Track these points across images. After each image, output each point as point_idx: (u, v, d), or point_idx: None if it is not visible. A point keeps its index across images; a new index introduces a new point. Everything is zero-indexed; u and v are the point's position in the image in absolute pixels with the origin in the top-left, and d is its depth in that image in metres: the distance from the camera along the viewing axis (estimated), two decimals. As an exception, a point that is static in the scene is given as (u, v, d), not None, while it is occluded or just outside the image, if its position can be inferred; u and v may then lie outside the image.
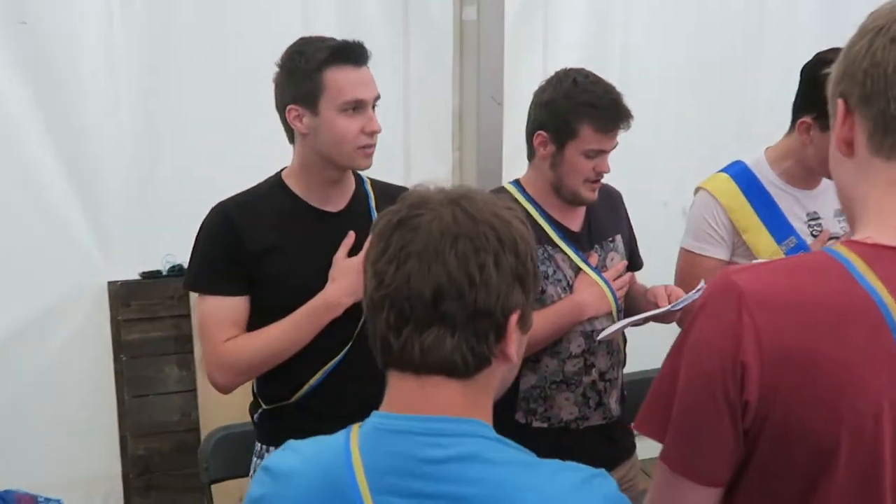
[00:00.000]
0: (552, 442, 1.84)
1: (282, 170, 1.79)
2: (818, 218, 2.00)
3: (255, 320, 1.70)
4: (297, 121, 1.67)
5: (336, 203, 1.76)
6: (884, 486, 0.86)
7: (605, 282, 1.83)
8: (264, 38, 2.72)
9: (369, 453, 0.91)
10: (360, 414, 1.72)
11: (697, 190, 2.08)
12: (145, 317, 2.96)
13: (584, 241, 1.88)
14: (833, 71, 0.98)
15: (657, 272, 2.08)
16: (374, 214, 1.77)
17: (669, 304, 1.74)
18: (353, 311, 1.69)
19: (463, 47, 3.00)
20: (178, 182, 2.82)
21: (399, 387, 0.94)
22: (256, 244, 1.67)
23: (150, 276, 2.98)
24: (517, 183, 1.92)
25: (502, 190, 1.91)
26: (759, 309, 0.88)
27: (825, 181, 2.01)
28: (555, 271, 1.81)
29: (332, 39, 1.66)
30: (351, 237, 1.72)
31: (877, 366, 0.85)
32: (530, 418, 1.87)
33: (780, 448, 0.88)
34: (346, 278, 1.68)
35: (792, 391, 0.86)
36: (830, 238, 2.01)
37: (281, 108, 1.70)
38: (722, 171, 2.08)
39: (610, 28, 3.15)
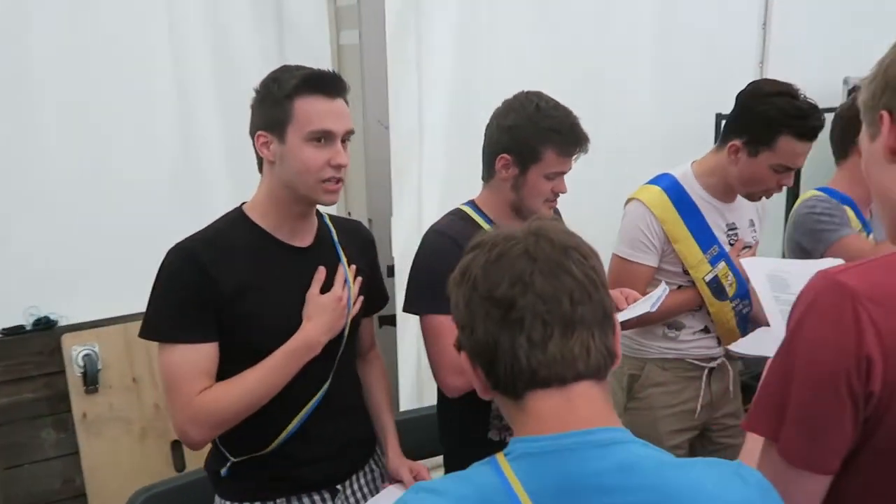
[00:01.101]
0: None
1: (242, 204, 1.70)
2: (735, 228, 2.23)
3: (226, 366, 1.60)
4: (265, 147, 1.61)
5: (304, 238, 1.71)
6: None
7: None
8: (132, 85, 2.63)
9: (530, 480, 0.91)
10: (339, 453, 1.69)
11: (629, 200, 2.22)
12: (12, 378, 2.66)
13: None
14: (867, 87, 1.10)
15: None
16: (339, 249, 1.74)
17: (628, 304, 1.86)
18: (329, 349, 1.66)
19: (342, 72, 2.96)
20: (37, 229, 2.58)
21: (542, 407, 0.96)
22: (229, 283, 1.58)
23: (13, 333, 2.68)
24: (473, 204, 1.95)
25: (459, 212, 1.94)
26: (873, 306, 0.97)
27: (740, 197, 2.24)
28: (521, 289, 1.86)
29: (308, 68, 1.61)
30: (322, 272, 1.67)
31: None
32: (504, 434, 1.90)
33: None
34: (323, 316, 1.64)
35: None
36: (744, 247, 2.24)
37: (252, 133, 1.63)
38: (652, 183, 2.24)
39: (477, 48, 3.24)
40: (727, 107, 2.25)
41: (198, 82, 2.81)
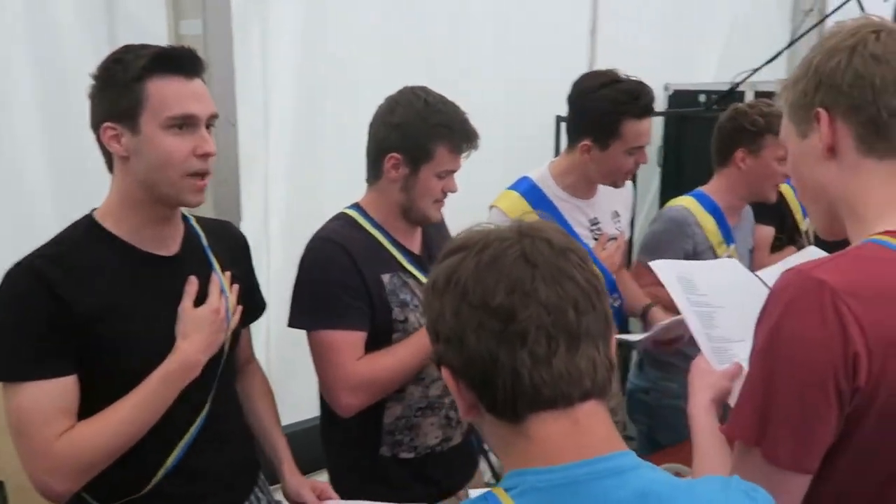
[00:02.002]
0: (419, 469, 1.84)
1: (92, 211, 1.49)
2: (598, 223, 2.27)
3: (89, 402, 1.39)
4: (114, 141, 1.40)
5: (169, 246, 1.51)
6: None
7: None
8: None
9: None
10: (223, 487, 1.54)
11: (490, 208, 2.21)
12: None
13: (426, 263, 1.87)
14: (795, 87, 1.14)
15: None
16: (210, 256, 1.57)
17: None
18: (208, 368, 1.49)
19: (180, 63, 2.75)
20: None
21: (548, 432, 0.86)
22: (85, 306, 1.36)
23: None
24: (358, 208, 1.84)
25: (344, 217, 1.82)
26: (853, 301, 0.98)
27: (600, 190, 2.29)
28: (412, 298, 1.78)
29: (157, 46, 1.42)
30: (194, 283, 1.50)
31: None
32: (397, 450, 1.82)
33: (886, 425, 1.00)
34: (199, 332, 1.46)
35: None
36: (610, 239, 2.29)
37: (95, 127, 1.42)
38: (511, 189, 2.24)
39: (325, 41, 3.12)
40: (565, 109, 2.29)
41: (14, 81, 2.47)
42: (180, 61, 1.41)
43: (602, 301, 0.89)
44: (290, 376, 2.61)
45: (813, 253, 1.76)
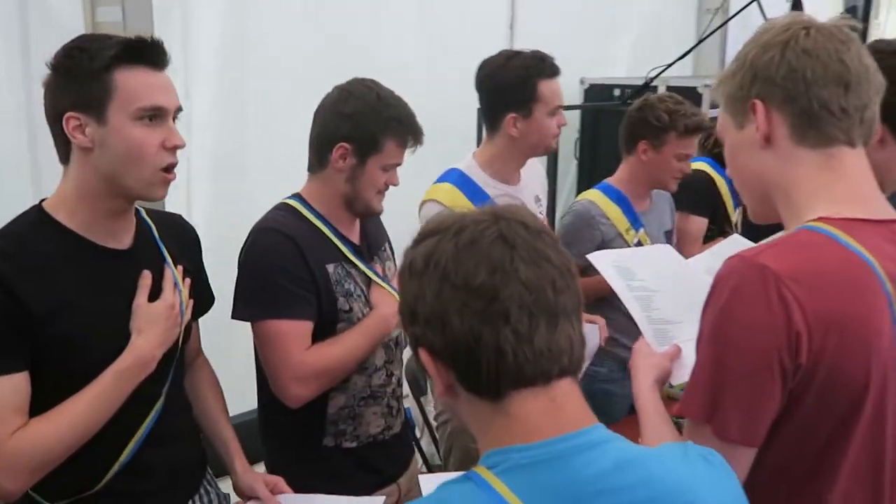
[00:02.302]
0: (362, 458, 1.85)
1: (41, 202, 1.44)
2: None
3: (41, 398, 1.35)
4: (78, 132, 1.36)
5: (122, 239, 1.48)
6: (886, 416, 1.10)
7: (396, 291, 1.86)
8: None
9: (528, 494, 0.84)
10: (173, 482, 1.51)
11: (424, 203, 2.21)
12: None
13: (366, 253, 1.87)
14: (731, 80, 1.20)
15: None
16: (163, 249, 1.54)
17: None
18: (161, 363, 1.47)
19: (99, 53, 2.66)
20: None
21: (528, 409, 0.88)
22: (40, 300, 1.32)
23: None
24: (299, 198, 1.81)
25: (285, 207, 1.80)
26: (794, 284, 1.04)
27: (523, 176, 2.33)
28: (354, 288, 1.78)
29: (123, 36, 1.38)
30: (148, 278, 1.47)
31: (881, 316, 1.08)
32: (340, 440, 1.82)
33: (824, 399, 1.07)
34: (154, 327, 1.44)
35: (834, 349, 1.05)
36: None
37: (55, 117, 1.37)
38: (442, 180, 2.25)
39: (246, 28, 3.07)
40: None
41: None
42: (149, 52, 1.38)
43: (574, 280, 0.92)
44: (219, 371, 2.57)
45: (738, 241, 1.84)
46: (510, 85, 2.19)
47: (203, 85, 2.92)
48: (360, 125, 1.73)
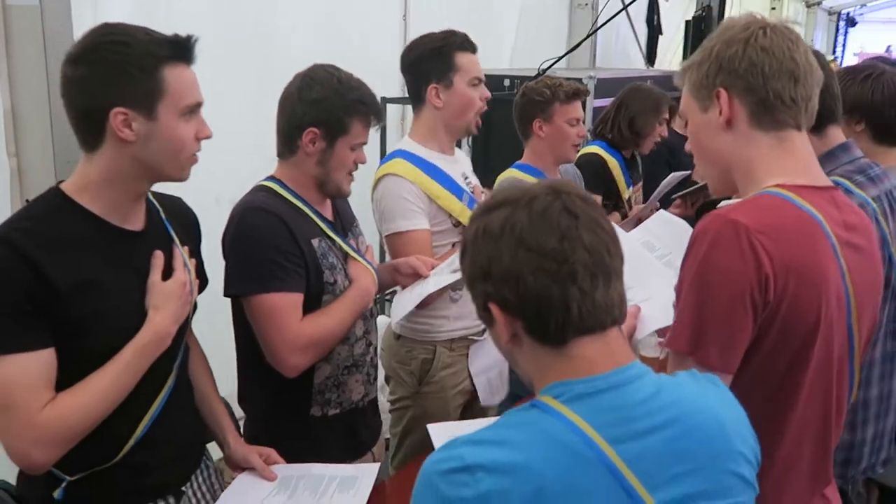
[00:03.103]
0: (346, 424, 1.93)
1: (59, 183, 1.45)
2: (467, 176, 2.41)
3: (64, 374, 1.37)
4: (125, 126, 1.38)
5: (136, 221, 1.51)
6: (832, 347, 1.31)
7: (371, 264, 1.94)
8: None
9: (590, 416, 1.00)
10: (183, 453, 1.55)
11: (379, 181, 2.26)
12: None
13: (341, 229, 1.95)
14: (698, 69, 1.37)
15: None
16: (171, 229, 1.58)
17: (430, 270, 1.97)
18: (172, 340, 1.52)
19: (10, 36, 2.55)
20: None
21: (588, 351, 1.05)
22: (64, 279, 1.34)
23: None
24: (276, 180, 1.87)
25: (264, 188, 1.84)
26: (762, 236, 1.23)
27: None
28: (337, 261, 1.86)
29: (157, 32, 1.42)
30: (160, 258, 1.51)
31: (829, 263, 1.29)
32: (326, 409, 1.89)
33: (785, 331, 1.26)
34: (169, 304, 1.49)
35: (794, 289, 1.24)
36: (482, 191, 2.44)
37: (94, 109, 1.38)
38: (393, 157, 2.31)
39: (156, 13, 3.02)
40: (388, 90, 2.32)
41: None
42: (189, 50, 1.43)
43: (620, 246, 1.08)
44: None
45: (663, 215, 1.99)
46: (429, 56, 2.27)
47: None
48: (327, 110, 1.80)
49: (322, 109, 1.80)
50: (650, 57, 6.46)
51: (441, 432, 1.87)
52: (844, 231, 1.33)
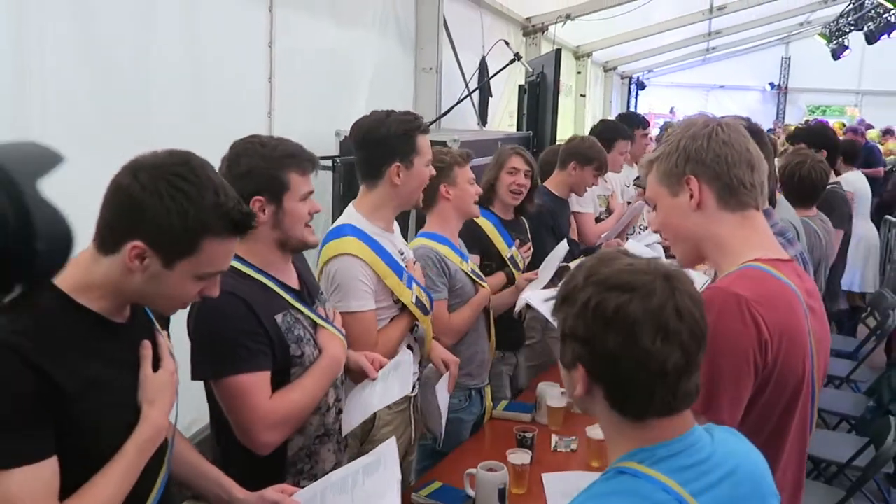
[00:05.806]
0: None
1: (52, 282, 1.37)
2: (402, 252, 2.49)
3: (63, 477, 1.32)
4: (137, 258, 1.37)
5: (124, 312, 1.48)
6: (810, 398, 1.53)
7: (340, 332, 1.97)
8: None
9: (675, 474, 1.16)
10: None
11: (335, 257, 2.28)
12: None
13: (307, 297, 1.96)
14: (666, 160, 1.57)
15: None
16: (150, 314, 1.55)
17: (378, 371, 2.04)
18: None
19: None
20: None
21: (664, 426, 1.20)
22: (72, 381, 1.31)
23: None
24: (237, 258, 1.82)
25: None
26: (759, 305, 1.43)
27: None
28: (304, 332, 1.87)
29: (224, 192, 1.43)
30: (149, 348, 1.49)
31: (804, 327, 1.50)
32: (298, 479, 1.88)
33: (778, 386, 1.46)
34: (164, 396, 1.47)
35: (785, 351, 1.45)
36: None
37: (124, 232, 1.38)
38: (343, 235, 2.33)
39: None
40: None
41: None
42: (245, 227, 1.46)
43: (706, 337, 1.20)
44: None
45: (563, 246, 2.32)
46: (394, 136, 2.34)
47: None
48: (261, 174, 1.84)
49: (256, 176, 1.83)
50: (482, 117, 6.82)
51: (555, 483, 2.20)
52: (807, 297, 1.56)
